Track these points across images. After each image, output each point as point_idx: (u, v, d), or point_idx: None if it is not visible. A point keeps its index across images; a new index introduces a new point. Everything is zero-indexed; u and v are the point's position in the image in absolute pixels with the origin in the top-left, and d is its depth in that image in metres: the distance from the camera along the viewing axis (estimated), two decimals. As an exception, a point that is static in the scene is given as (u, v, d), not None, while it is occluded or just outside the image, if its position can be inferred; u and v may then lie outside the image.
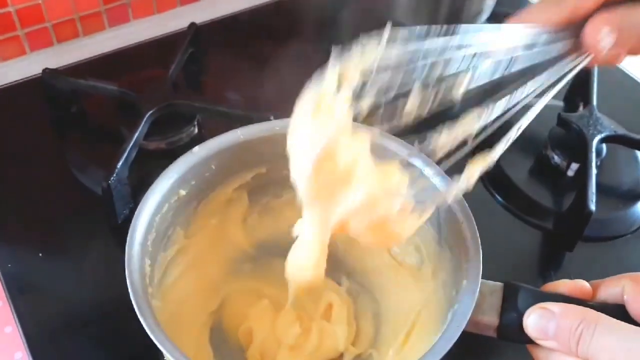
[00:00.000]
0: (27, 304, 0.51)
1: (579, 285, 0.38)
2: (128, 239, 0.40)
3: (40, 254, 0.53)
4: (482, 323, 0.38)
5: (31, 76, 0.67)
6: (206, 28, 0.71)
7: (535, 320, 0.36)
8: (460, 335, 0.36)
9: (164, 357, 0.47)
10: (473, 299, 0.38)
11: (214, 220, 0.49)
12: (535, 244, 0.57)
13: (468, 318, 0.37)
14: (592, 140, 0.58)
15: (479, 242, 0.41)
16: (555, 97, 0.67)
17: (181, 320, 0.44)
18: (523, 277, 0.40)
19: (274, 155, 0.46)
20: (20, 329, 0.49)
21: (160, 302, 0.43)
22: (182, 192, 0.45)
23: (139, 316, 0.36)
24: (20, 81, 0.68)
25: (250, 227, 0.50)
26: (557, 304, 0.36)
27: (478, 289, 0.38)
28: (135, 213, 0.41)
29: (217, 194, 0.48)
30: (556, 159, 0.61)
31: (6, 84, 0.68)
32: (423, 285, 0.46)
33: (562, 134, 0.61)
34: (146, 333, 0.36)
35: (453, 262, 0.42)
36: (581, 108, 0.63)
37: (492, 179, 0.61)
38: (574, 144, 0.60)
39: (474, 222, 0.41)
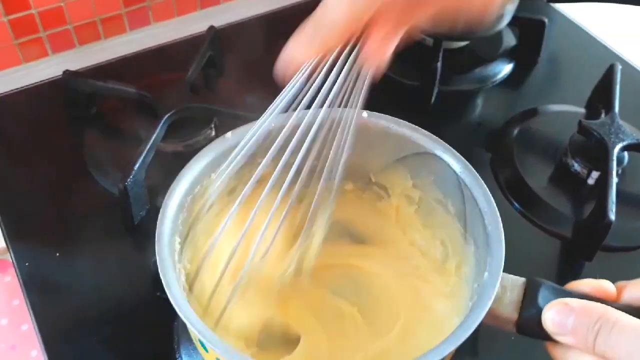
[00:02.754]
0: (43, 302, 0.51)
1: (604, 286, 0.37)
2: (160, 215, 0.40)
3: (57, 254, 0.54)
4: (502, 317, 0.38)
5: (52, 78, 0.68)
6: (225, 31, 0.72)
7: (554, 315, 0.36)
8: (480, 330, 0.36)
9: (178, 357, 0.48)
10: (493, 291, 0.37)
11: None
12: (554, 252, 0.57)
13: (487, 309, 0.37)
14: (614, 148, 0.57)
15: (502, 236, 0.40)
16: (576, 103, 0.67)
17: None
18: (540, 286, 0.39)
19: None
20: (36, 327, 0.49)
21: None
22: (213, 176, 0.45)
23: (165, 288, 0.36)
24: (42, 82, 0.69)
25: None
26: (577, 300, 0.36)
27: (499, 282, 0.38)
28: (168, 192, 0.41)
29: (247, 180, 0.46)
30: (576, 166, 0.60)
31: (28, 85, 0.69)
32: (446, 280, 0.46)
33: (583, 142, 0.60)
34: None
35: (476, 256, 0.43)
36: (603, 115, 0.62)
37: (511, 186, 0.60)
38: (595, 151, 0.59)
39: (499, 216, 0.41)
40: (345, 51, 0.40)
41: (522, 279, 0.39)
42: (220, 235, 0.43)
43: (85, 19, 0.72)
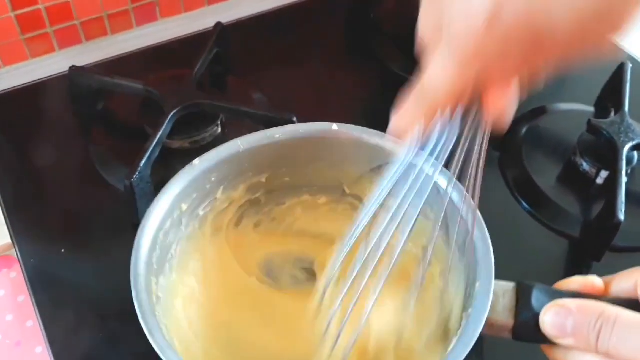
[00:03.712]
0: (49, 299, 0.51)
1: (591, 282, 0.37)
2: (133, 258, 0.40)
3: (63, 250, 0.54)
4: (497, 325, 0.38)
5: (59, 73, 0.68)
6: (232, 28, 0.71)
7: (552, 317, 0.35)
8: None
9: None
10: (488, 301, 0.37)
11: (218, 232, 0.49)
12: (562, 252, 0.56)
13: (484, 320, 0.36)
14: (623, 147, 0.57)
15: (489, 241, 0.40)
16: (585, 102, 0.66)
17: (190, 338, 0.44)
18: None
19: (274, 164, 0.48)
20: (41, 324, 0.49)
21: (168, 320, 0.42)
22: (184, 207, 0.44)
23: (148, 336, 0.37)
24: (48, 78, 0.69)
25: (255, 238, 0.50)
26: (574, 300, 0.35)
27: (492, 291, 0.37)
28: (139, 231, 0.41)
29: (219, 205, 0.48)
30: (585, 166, 0.60)
31: (35, 81, 0.69)
32: (430, 286, 0.45)
33: (592, 141, 0.60)
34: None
35: (463, 263, 0.42)
36: (612, 114, 0.62)
37: (519, 185, 0.60)
38: (604, 151, 0.58)
39: (482, 221, 0.41)
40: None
41: (512, 284, 0.38)
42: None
43: (92, 15, 0.71)
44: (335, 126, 0.46)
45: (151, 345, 0.48)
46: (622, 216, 0.51)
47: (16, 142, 0.64)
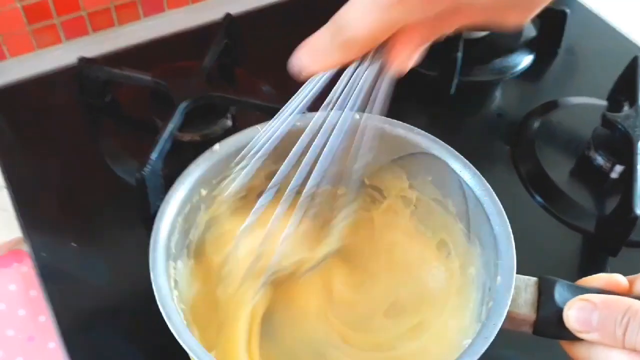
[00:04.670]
0: (60, 293, 0.51)
1: (615, 280, 0.37)
2: (151, 241, 0.40)
3: (74, 243, 0.53)
4: (518, 318, 0.37)
5: (66, 65, 0.67)
6: (241, 19, 0.71)
7: (577, 312, 0.35)
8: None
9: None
10: (509, 295, 0.37)
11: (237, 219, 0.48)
12: (576, 247, 0.56)
13: (505, 314, 0.36)
14: (638, 141, 0.56)
15: (511, 235, 0.40)
16: (597, 96, 0.66)
17: (209, 323, 0.43)
18: (564, 281, 0.38)
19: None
20: (54, 319, 0.49)
21: (186, 306, 0.42)
22: (204, 192, 0.44)
23: (166, 320, 0.36)
24: (55, 70, 0.68)
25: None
26: (599, 295, 0.35)
27: (513, 284, 0.37)
28: (158, 215, 0.41)
29: (238, 192, 0.46)
30: (599, 160, 0.59)
31: (41, 72, 0.68)
32: (450, 281, 0.45)
33: (606, 135, 0.59)
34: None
35: (483, 258, 0.42)
36: (626, 108, 0.61)
37: (532, 179, 0.59)
38: (619, 145, 0.58)
39: (505, 215, 0.40)
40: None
41: (534, 279, 0.38)
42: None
43: (99, 5, 0.70)
44: (357, 115, 0.45)
45: (165, 339, 0.48)
46: (639, 211, 0.51)
47: (24, 135, 0.63)
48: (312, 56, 0.37)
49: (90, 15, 0.71)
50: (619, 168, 0.58)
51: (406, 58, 0.37)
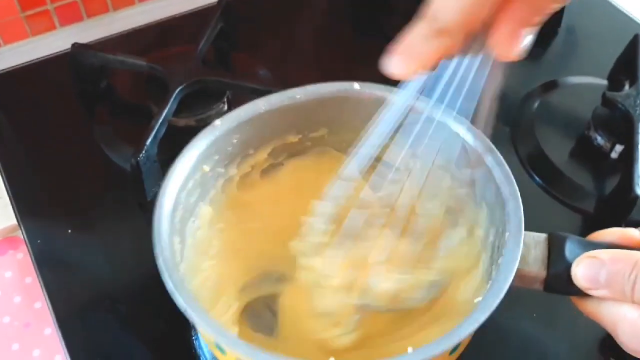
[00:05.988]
0: (56, 280, 0.50)
1: (629, 234, 0.36)
2: (155, 217, 0.39)
3: (70, 230, 0.53)
4: (528, 276, 0.37)
5: (60, 51, 0.67)
6: (236, 3, 0.70)
7: (584, 270, 0.35)
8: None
9: (193, 336, 0.47)
10: (518, 252, 0.36)
11: (240, 194, 0.48)
12: (576, 228, 0.55)
13: (514, 270, 0.36)
14: (639, 120, 0.56)
15: (518, 193, 0.39)
16: (597, 75, 0.65)
17: (214, 297, 0.43)
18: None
19: (296, 126, 0.47)
20: (49, 305, 0.49)
21: (191, 280, 0.42)
22: (206, 168, 0.44)
23: (173, 294, 0.35)
24: (50, 56, 0.68)
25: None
26: (607, 250, 0.35)
27: (522, 241, 0.37)
28: (161, 190, 0.40)
29: (242, 168, 0.47)
30: (599, 140, 0.59)
31: (36, 59, 0.67)
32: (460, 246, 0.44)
33: (607, 114, 0.58)
34: (175, 311, 0.35)
35: (491, 219, 0.41)
36: (626, 87, 0.60)
37: (532, 160, 0.59)
38: (619, 124, 0.57)
39: (511, 175, 0.40)
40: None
41: (544, 235, 0.38)
42: None
43: (93, -9, 0.70)
44: (357, 85, 0.44)
45: (162, 325, 0.48)
46: (639, 190, 0.50)
47: (18, 122, 0.62)
48: (409, 53, 0.33)
49: (84, 0, 0.70)
50: (619, 148, 0.58)
51: (510, 40, 0.32)
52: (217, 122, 0.44)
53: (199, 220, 0.45)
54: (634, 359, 0.35)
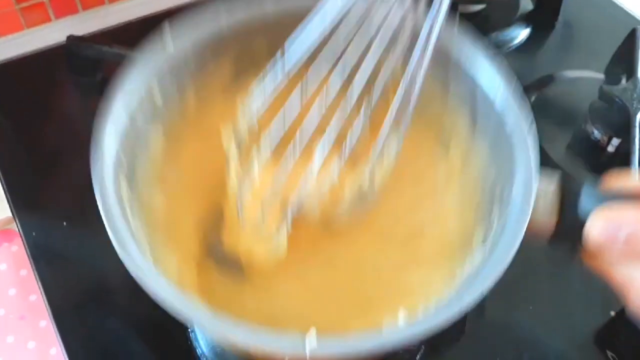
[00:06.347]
0: (51, 272, 0.50)
1: None
2: (95, 154, 0.36)
3: (65, 223, 0.53)
4: (537, 226, 0.33)
5: (56, 44, 0.66)
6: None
7: (601, 228, 0.31)
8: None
9: (189, 328, 0.47)
10: (530, 199, 0.32)
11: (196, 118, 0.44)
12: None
13: (527, 220, 0.32)
14: (636, 114, 0.56)
15: (529, 138, 0.35)
16: (594, 69, 0.65)
17: (171, 235, 0.40)
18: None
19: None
20: (44, 298, 0.49)
21: (142, 224, 0.38)
22: (156, 88, 0.39)
23: (120, 255, 0.34)
24: (45, 49, 0.67)
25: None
26: (625, 206, 0.31)
27: (535, 185, 0.33)
28: (102, 119, 0.36)
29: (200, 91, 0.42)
30: (596, 134, 0.59)
31: (31, 52, 0.67)
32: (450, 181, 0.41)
33: (604, 108, 0.58)
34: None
35: (491, 154, 0.37)
36: (623, 81, 0.60)
37: (528, 153, 0.59)
38: (616, 118, 0.57)
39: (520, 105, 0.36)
40: None
41: (557, 179, 0.34)
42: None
43: (89, -17, 0.70)
44: None
45: (158, 317, 0.48)
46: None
47: (13, 114, 0.62)
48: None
49: (80, -8, 0.70)
50: (616, 141, 0.58)
51: None
52: (169, 40, 0.39)
53: (150, 154, 0.41)
54: (630, 352, 0.35)
